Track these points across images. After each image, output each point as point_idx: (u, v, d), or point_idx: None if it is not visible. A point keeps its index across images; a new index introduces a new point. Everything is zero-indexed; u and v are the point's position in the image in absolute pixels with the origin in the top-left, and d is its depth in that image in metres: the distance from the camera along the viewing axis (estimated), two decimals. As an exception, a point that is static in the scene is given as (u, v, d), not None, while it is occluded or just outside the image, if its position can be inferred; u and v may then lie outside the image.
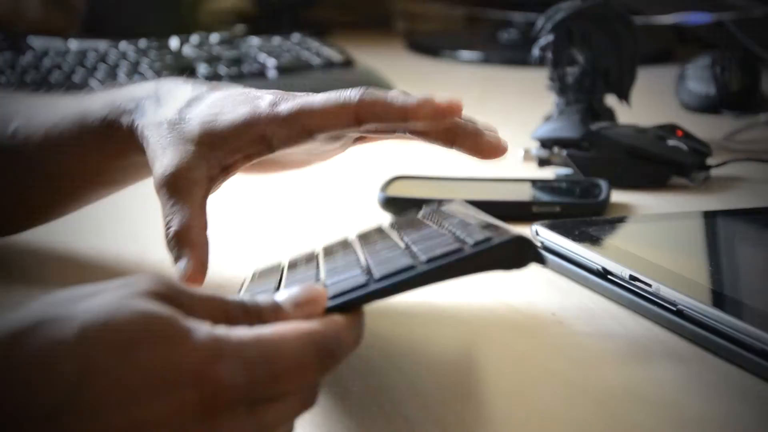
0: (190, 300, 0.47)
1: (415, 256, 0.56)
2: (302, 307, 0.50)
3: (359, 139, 0.73)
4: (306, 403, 0.49)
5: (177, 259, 0.65)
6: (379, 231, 0.69)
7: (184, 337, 0.44)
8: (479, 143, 0.68)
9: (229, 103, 0.68)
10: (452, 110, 0.66)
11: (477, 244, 0.54)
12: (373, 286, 0.54)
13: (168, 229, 0.66)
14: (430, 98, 0.66)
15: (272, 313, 0.50)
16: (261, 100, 0.68)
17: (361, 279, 0.55)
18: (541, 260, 0.55)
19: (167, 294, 0.46)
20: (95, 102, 0.74)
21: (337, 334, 0.49)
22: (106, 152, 0.73)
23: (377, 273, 0.55)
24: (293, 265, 0.69)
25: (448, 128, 0.68)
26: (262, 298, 0.50)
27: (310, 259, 0.68)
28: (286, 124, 0.67)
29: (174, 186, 0.66)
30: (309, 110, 0.67)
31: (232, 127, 0.67)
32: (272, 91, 0.70)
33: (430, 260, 0.54)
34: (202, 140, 0.67)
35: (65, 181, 0.75)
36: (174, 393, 0.43)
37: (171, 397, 0.43)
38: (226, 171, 0.68)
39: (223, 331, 0.45)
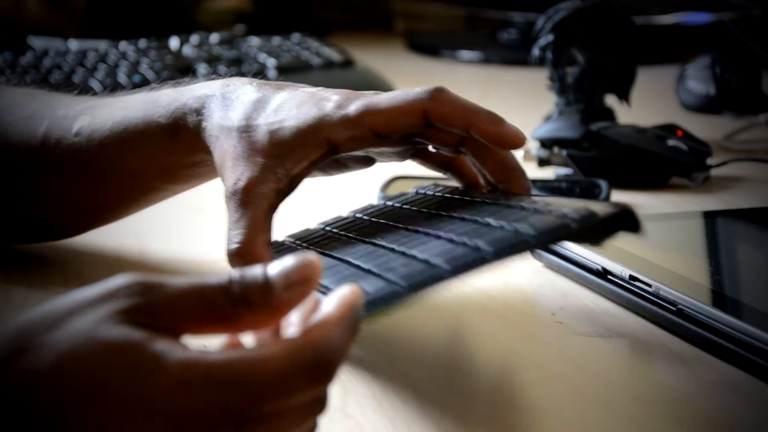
0: (167, 302, 0.45)
1: (517, 228, 0.55)
2: (294, 289, 0.47)
3: (418, 155, 0.72)
4: (314, 412, 0.47)
5: None
6: (422, 212, 0.66)
7: (153, 365, 0.43)
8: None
9: (295, 106, 0.67)
10: (516, 139, 0.66)
11: (584, 218, 0.55)
12: (486, 251, 0.53)
13: (230, 244, 0.66)
14: (500, 118, 0.67)
15: (260, 295, 0.46)
16: (327, 102, 0.67)
17: (465, 249, 0.54)
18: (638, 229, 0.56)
19: (141, 307, 0.45)
20: (161, 99, 0.73)
21: (329, 342, 0.45)
22: (172, 150, 0.72)
23: (484, 244, 0.54)
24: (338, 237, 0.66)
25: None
26: (251, 275, 0.47)
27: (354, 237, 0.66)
28: (351, 126, 0.66)
29: (242, 200, 0.66)
30: (375, 109, 0.66)
31: (299, 134, 0.66)
32: (339, 91, 0.69)
33: (540, 234, 0.54)
34: (271, 152, 0.66)
35: (130, 177, 0.74)
36: (145, 425, 0.42)
37: (143, 429, 0.42)
38: (294, 181, 0.67)
39: (194, 354, 0.44)
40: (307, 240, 0.70)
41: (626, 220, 0.55)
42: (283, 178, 0.66)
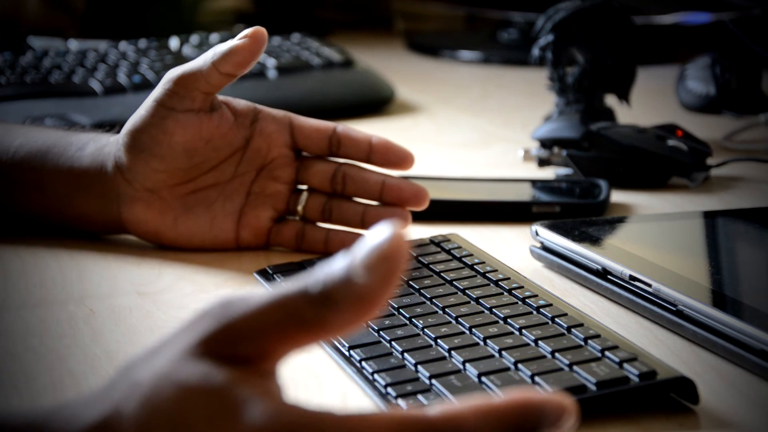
0: (249, 320, 0.42)
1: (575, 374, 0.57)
2: (378, 270, 0.41)
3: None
4: None
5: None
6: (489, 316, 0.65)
7: (232, 415, 0.39)
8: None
9: None
10: (408, 159, 0.79)
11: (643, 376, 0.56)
12: None
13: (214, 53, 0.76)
14: (390, 142, 0.79)
15: (343, 289, 0.41)
16: None
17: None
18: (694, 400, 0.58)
19: (222, 331, 0.42)
20: (78, 135, 0.82)
21: (457, 428, 0.39)
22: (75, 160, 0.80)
23: (548, 386, 0.55)
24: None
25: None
26: (328, 270, 0.42)
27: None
28: (277, 117, 0.80)
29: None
30: (298, 117, 0.80)
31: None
32: None
33: (601, 384, 0.56)
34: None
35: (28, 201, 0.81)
36: None
37: None
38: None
39: (281, 406, 0.40)
40: None
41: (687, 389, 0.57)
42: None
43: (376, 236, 0.41)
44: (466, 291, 0.68)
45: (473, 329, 0.62)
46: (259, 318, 0.42)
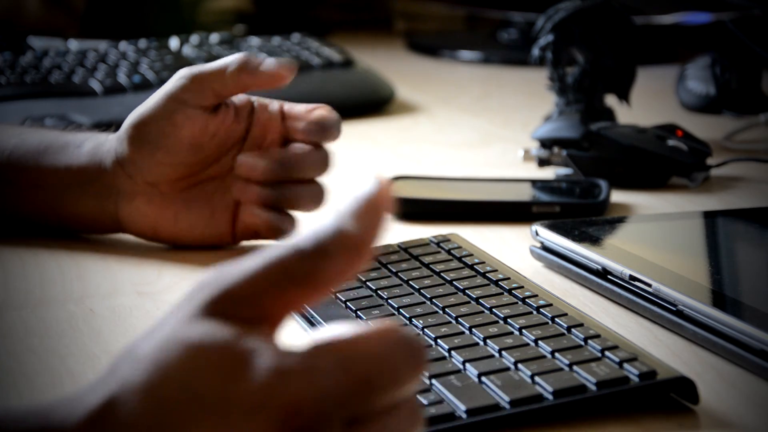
0: (246, 283, 0.42)
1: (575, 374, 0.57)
2: (367, 217, 0.43)
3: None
4: (412, 420, 0.43)
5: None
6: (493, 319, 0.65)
7: (243, 364, 0.40)
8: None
9: None
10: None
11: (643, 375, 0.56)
12: (546, 403, 0.55)
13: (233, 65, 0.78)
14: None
15: (335, 239, 0.42)
16: None
17: (531, 389, 0.55)
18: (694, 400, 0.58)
19: (222, 294, 0.42)
20: (76, 135, 0.82)
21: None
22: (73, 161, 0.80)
23: (548, 386, 0.55)
24: None
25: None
26: (319, 225, 0.43)
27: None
28: (270, 105, 0.81)
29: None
30: (289, 104, 0.81)
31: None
32: None
33: (601, 384, 0.56)
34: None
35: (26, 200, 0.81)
36: (248, 425, 0.40)
37: (247, 430, 0.40)
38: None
39: (287, 352, 0.41)
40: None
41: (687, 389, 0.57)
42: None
43: (361, 188, 0.43)
44: (466, 291, 0.68)
45: (473, 329, 0.62)
46: (257, 280, 0.42)
